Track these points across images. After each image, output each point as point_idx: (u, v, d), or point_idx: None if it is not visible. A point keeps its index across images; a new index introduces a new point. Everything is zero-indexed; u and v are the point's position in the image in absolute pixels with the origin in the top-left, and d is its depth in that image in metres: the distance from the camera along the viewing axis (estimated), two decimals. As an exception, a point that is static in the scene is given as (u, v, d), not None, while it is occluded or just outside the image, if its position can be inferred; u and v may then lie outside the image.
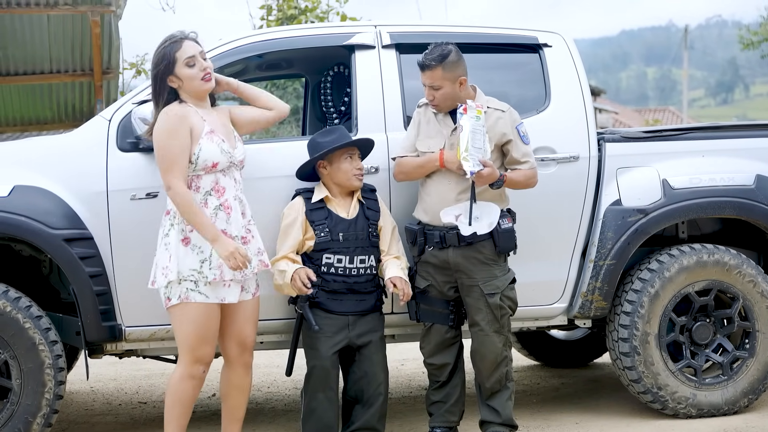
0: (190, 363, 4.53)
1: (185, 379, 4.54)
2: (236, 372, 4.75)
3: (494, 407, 5.08)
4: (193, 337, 4.50)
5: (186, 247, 4.47)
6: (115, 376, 7.47)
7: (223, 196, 4.53)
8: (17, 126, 14.98)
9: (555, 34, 5.66)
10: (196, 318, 4.48)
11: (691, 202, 5.50)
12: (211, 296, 4.48)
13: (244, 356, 4.74)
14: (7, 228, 4.91)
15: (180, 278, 4.44)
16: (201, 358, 4.54)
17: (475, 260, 4.96)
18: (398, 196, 5.27)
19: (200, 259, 4.46)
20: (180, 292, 4.46)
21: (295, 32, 5.69)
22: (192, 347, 4.51)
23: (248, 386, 4.81)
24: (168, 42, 4.56)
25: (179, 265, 4.45)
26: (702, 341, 5.58)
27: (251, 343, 4.75)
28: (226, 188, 4.56)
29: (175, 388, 4.55)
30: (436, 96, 4.99)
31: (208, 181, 4.51)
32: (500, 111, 5.06)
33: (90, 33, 12.33)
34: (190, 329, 4.49)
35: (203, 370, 4.58)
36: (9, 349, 4.90)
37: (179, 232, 4.48)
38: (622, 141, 5.60)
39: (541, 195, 5.33)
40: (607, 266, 5.41)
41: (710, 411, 5.51)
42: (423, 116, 5.12)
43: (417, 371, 7.23)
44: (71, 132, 5.32)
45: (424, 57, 4.98)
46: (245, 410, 4.83)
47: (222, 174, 4.55)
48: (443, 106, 5.03)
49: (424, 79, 5.00)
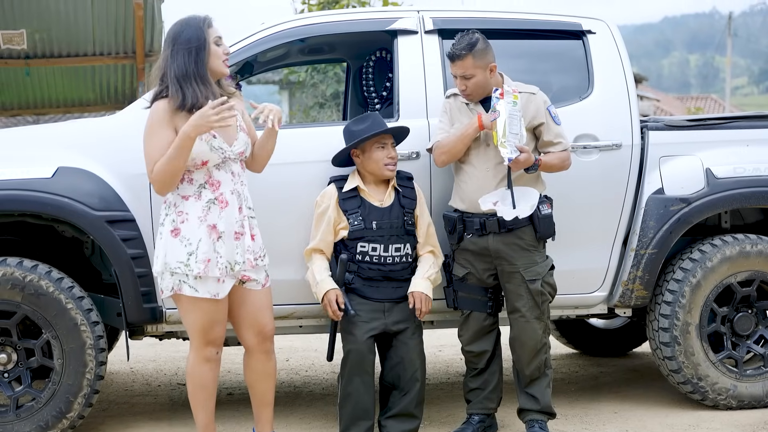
0: (202, 346, 4.46)
1: (200, 363, 4.49)
2: (258, 359, 4.67)
3: (533, 394, 5.06)
4: (199, 324, 4.43)
5: (175, 238, 4.37)
6: (155, 358, 7.53)
7: (218, 190, 4.41)
8: (60, 108, 15.10)
9: (599, 21, 5.61)
10: (198, 307, 4.41)
11: (735, 191, 5.45)
12: (201, 290, 4.38)
13: (264, 344, 4.65)
14: (51, 209, 4.95)
15: (169, 270, 4.37)
16: (212, 340, 4.47)
17: (516, 246, 4.94)
18: (439, 182, 5.26)
19: (188, 251, 4.35)
20: (173, 284, 4.40)
21: (337, 17, 5.68)
22: (199, 331, 4.44)
23: (273, 371, 4.72)
24: (198, 20, 4.45)
25: (167, 257, 4.37)
26: (743, 332, 5.54)
27: (270, 331, 4.66)
28: (221, 182, 4.43)
29: (193, 373, 4.50)
30: (468, 85, 4.96)
31: (200, 174, 4.41)
32: (530, 94, 5.02)
33: (133, 15, 12.39)
34: (196, 317, 4.43)
35: (216, 351, 4.51)
36: (51, 329, 4.95)
37: (170, 222, 4.40)
38: (666, 129, 5.55)
39: (583, 183, 5.31)
40: (648, 255, 5.37)
41: (751, 402, 5.47)
42: (453, 106, 5.09)
43: (455, 357, 7.23)
44: (115, 114, 5.36)
45: (453, 47, 4.95)
46: (274, 394, 4.76)
47: (216, 168, 4.43)
48: (475, 95, 5.00)
49: (454, 70, 4.97)
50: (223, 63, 4.47)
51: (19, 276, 4.91)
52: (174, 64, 4.38)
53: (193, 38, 4.39)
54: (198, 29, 4.41)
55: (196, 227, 4.37)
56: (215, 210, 4.39)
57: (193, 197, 4.40)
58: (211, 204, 4.39)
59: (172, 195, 4.43)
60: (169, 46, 4.42)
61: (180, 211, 4.40)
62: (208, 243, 4.36)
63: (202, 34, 4.40)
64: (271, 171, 4.83)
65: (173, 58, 4.38)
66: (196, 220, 4.37)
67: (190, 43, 4.38)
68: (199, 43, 4.39)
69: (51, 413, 4.96)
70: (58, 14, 12.43)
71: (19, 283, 4.91)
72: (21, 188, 4.94)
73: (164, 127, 4.36)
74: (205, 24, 4.44)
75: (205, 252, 4.35)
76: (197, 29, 4.41)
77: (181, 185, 4.41)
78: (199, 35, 4.39)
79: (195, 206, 4.39)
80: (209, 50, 4.41)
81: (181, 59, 4.37)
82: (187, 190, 4.41)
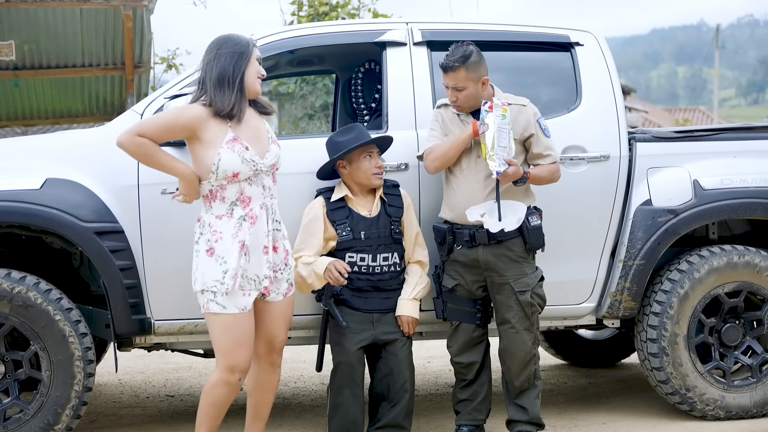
0: (226, 370, 4.45)
1: (221, 386, 4.47)
2: (263, 369, 4.69)
3: (522, 405, 5.07)
4: (224, 343, 4.43)
5: (210, 257, 4.39)
6: (144, 369, 7.52)
7: (248, 206, 4.43)
8: (49, 119, 15.09)
9: (587, 33, 5.63)
10: (224, 325, 4.40)
11: (722, 203, 5.47)
12: (229, 306, 4.38)
13: (271, 356, 4.67)
14: (39, 220, 4.94)
15: (204, 289, 4.39)
16: (236, 365, 4.44)
17: (506, 258, 4.95)
18: (427, 193, 5.27)
19: (223, 270, 4.37)
20: (203, 302, 4.42)
21: (326, 29, 5.70)
22: (226, 352, 4.43)
23: (275, 385, 4.75)
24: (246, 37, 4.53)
25: (204, 276, 4.39)
26: (731, 343, 5.55)
27: (280, 343, 4.67)
28: (252, 197, 4.45)
29: (210, 391, 4.49)
30: (460, 97, 4.98)
31: (233, 191, 4.41)
32: (521, 105, 5.04)
33: (122, 27, 12.40)
34: (220, 335, 4.43)
35: (239, 378, 4.48)
36: (39, 340, 4.93)
37: (205, 242, 4.41)
38: (654, 141, 5.57)
39: (571, 194, 5.32)
40: (636, 266, 5.39)
41: (738, 413, 5.48)
42: (444, 116, 5.10)
43: (444, 368, 7.23)
44: (103, 125, 5.36)
45: (447, 58, 4.97)
46: (270, 409, 4.78)
47: (248, 183, 4.44)
48: (466, 106, 5.02)
49: (446, 81, 4.99)
50: (257, 81, 4.51)
51: (7, 287, 4.90)
52: (216, 68, 4.42)
53: (240, 45, 4.46)
54: (245, 42, 4.49)
55: (230, 245, 4.39)
56: (246, 226, 4.41)
57: (226, 216, 4.42)
58: (242, 221, 4.41)
59: (206, 215, 4.45)
60: (209, 53, 4.48)
61: (215, 231, 4.41)
62: (236, 258, 4.37)
63: (248, 46, 4.48)
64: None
65: (214, 62, 4.44)
66: (230, 238, 4.39)
67: (236, 48, 4.45)
68: (245, 50, 4.46)
69: (39, 425, 4.94)
70: (47, 25, 12.43)
71: (6, 295, 4.89)
72: (9, 199, 4.93)
73: (180, 123, 4.39)
74: (251, 42, 4.52)
75: (234, 268, 4.37)
76: (245, 41, 4.49)
77: (214, 203, 4.43)
78: (245, 45, 4.47)
79: (228, 224, 4.40)
80: (250, 62, 4.46)
81: (223, 62, 4.42)
82: (219, 210, 4.43)
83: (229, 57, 4.42)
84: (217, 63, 4.42)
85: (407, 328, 5.06)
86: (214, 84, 4.40)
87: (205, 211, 4.46)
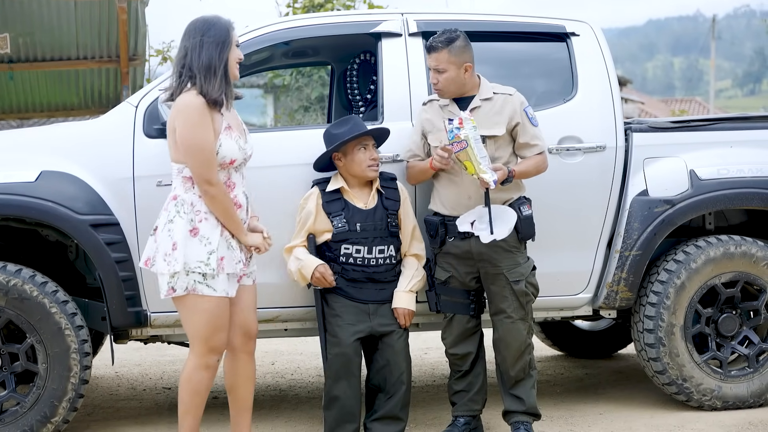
0: (204, 353, 4.42)
1: (200, 370, 4.44)
2: (241, 360, 4.65)
3: (518, 395, 5.07)
4: (206, 328, 4.40)
5: (194, 238, 4.35)
6: (140, 362, 7.51)
7: (233, 192, 4.45)
8: (44, 112, 15.04)
9: (583, 23, 5.62)
10: (208, 309, 4.38)
11: (719, 193, 5.47)
12: (219, 290, 4.37)
13: (248, 345, 4.65)
14: (35, 213, 4.94)
15: (187, 270, 4.34)
16: (215, 347, 4.45)
17: (499, 248, 4.95)
18: (422, 185, 5.25)
19: (208, 250, 4.35)
20: (187, 284, 4.35)
21: (321, 20, 5.68)
22: (205, 338, 4.41)
23: (254, 374, 4.72)
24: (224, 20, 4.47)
25: (186, 256, 4.33)
26: (728, 333, 5.55)
27: (255, 331, 4.66)
28: (236, 184, 4.47)
29: (190, 379, 4.45)
30: (440, 80, 4.96)
31: (221, 175, 4.41)
32: (507, 95, 5.02)
33: (117, 19, 12.35)
34: (202, 320, 4.39)
35: (217, 359, 4.48)
36: (35, 333, 4.93)
37: (188, 222, 4.36)
38: (650, 131, 5.56)
39: (567, 185, 5.32)
40: (632, 257, 5.38)
41: (735, 403, 5.49)
42: (429, 113, 5.09)
43: (440, 360, 7.23)
44: (98, 118, 5.35)
45: (432, 39, 4.99)
46: (253, 396, 4.75)
47: (234, 170, 4.47)
48: (446, 91, 5.00)
49: (429, 62, 5.00)
50: (236, 66, 4.49)
51: (3, 280, 4.90)
52: (201, 56, 4.37)
53: (222, 32, 4.41)
54: (226, 28, 4.44)
55: (215, 226, 4.38)
56: None
57: None
58: None
59: (186, 194, 4.40)
60: (192, 37, 4.41)
61: (198, 211, 4.38)
62: (223, 241, 4.38)
63: (229, 32, 4.44)
64: (254, 174, 4.84)
65: (199, 49, 4.38)
66: (215, 219, 4.39)
67: (220, 36, 4.40)
68: (226, 39, 4.41)
69: (36, 418, 4.94)
70: (41, 18, 12.38)
71: (2, 288, 4.89)
72: (4, 192, 4.93)
73: (208, 121, 4.35)
74: (230, 25, 4.48)
75: (222, 251, 4.38)
76: (225, 27, 4.44)
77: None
78: (227, 33, 4.43)
79: None
80: (231, 50, 4.44)
81: (210, 51, 4.38)
82: None
83: (214, 45, 4.38)
84: (203, 51, 4.37)
85: (403, 320, 5.06)
86: (204, 74, 4.36)
87: (185, 190, 4.40)
